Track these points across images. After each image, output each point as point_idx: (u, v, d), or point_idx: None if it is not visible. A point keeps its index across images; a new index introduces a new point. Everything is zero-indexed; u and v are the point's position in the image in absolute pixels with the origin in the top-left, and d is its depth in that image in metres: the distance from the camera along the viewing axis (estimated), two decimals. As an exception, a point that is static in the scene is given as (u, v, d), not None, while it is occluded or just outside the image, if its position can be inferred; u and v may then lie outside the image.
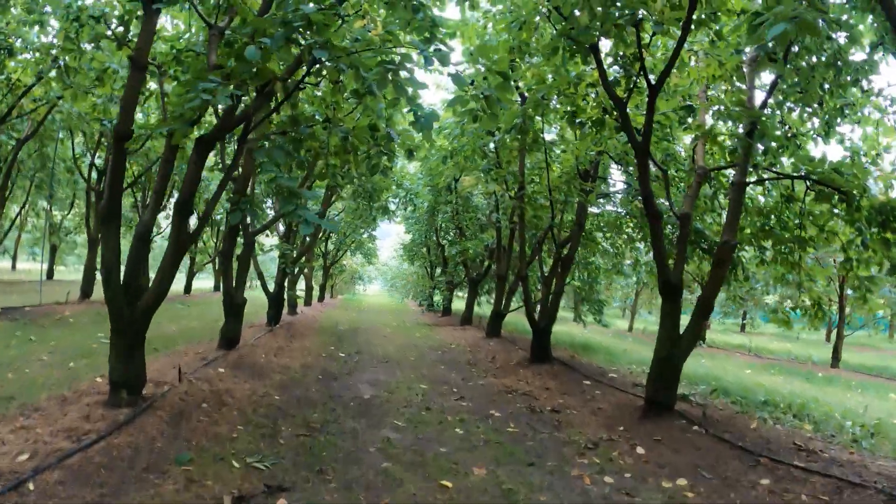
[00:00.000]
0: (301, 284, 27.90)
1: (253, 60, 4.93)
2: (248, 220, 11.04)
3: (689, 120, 9.61)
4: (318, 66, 5.57)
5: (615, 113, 9.18)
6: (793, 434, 7.68)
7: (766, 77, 9.37)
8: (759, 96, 8.63)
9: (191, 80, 5.02)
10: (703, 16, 7.73)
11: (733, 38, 9.19)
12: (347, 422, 6.95)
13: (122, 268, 6.81)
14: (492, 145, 13.62)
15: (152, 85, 10.48)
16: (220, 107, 7.30)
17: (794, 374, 17.06)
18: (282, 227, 16.48)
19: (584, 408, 8.44)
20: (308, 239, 16.00)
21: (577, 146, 10.65)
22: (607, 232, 14.99)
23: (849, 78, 9.24)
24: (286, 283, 19.90)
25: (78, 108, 12.90)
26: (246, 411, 7.09)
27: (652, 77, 7.79)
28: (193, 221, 15.50)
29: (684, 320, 8.33)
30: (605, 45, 8.93)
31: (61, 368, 9.06)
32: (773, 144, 8.51)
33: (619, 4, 6.56)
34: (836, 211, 8.52)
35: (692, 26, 7.40)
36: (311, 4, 5.14)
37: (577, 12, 6.99)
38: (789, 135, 9.68)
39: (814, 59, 8.54)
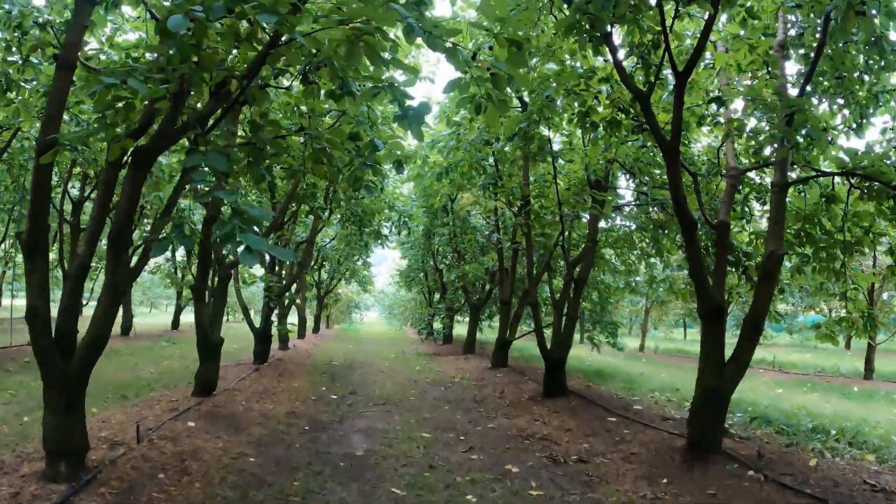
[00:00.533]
0: (294, 317, 26.66)
1: (185, 41, 3.80)
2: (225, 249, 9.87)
3: (712, 114, 8.51)
4: (277, 48, 4.43)
5: (632, 111, 8.09)
6: (857, 468, 6.67)
7: (790, 67, 8.36)
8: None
9: (94, 77, 3.86)
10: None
11: (759, 23, 8.14)
12: (335, 490, 5.68)
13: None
14: (491, 159, 12.52)
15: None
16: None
17: (829, 391, 15.86)
18: (267, 257, 15.28)
19: (614, 453, 7.20)
20: (295, 268, 14.77)
21: (587, 153, 9.53)
22: (618, 248, 13.81)
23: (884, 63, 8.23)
24: (276, 317, 18.68)
25: (28, 126, 11.80)
26: (212, 480, 5.84)
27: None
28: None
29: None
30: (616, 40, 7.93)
31: (13, 424, 7.91)
32: (808, 138, 7.39)
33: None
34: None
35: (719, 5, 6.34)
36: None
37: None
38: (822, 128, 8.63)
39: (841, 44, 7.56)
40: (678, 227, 11.00)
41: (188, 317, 36.14)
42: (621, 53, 7.53)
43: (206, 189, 7.54)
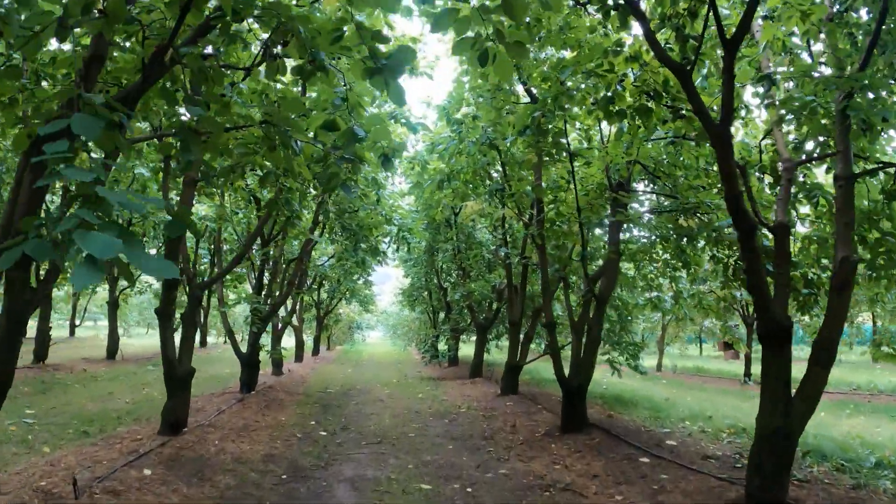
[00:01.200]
0: (292, 339, 25.38)
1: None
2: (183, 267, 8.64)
3: (761, 95, 7.28)
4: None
5: (664, 96, 6.87)
6: (945, 515, 5.27)
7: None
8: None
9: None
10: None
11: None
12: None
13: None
14: (498, 165, 11.28)
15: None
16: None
17: (874, 412, 14.43)
18: (253, 275, 14.02)
19: (655, 509, 5.89)
20: (284, 288, 13.50)
21: (608, 149, 8.31)
22: (636, 261, 12.45)
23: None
24: (270, 340, 17.41)
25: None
26: (150, 558, 4.57)
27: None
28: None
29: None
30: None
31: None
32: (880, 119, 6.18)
33: None
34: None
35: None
36: None
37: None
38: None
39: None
40: (708, 236, 9.83)
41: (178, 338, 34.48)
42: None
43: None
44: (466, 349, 27.49)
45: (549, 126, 7.15)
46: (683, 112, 6.84)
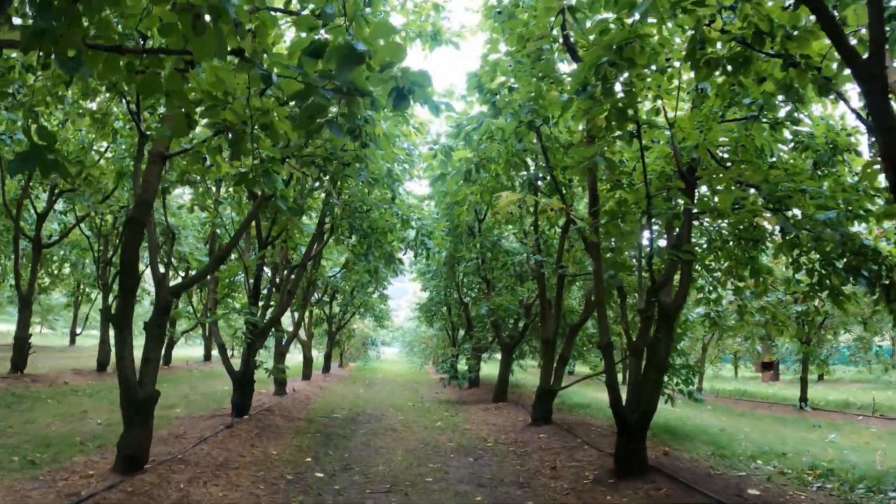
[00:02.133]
0: (300, 355, 23.72)
1: None
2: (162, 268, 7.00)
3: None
4: None
5: (769, 40, 5.15)
6: None
7: None
8: None
9: None
10: None
11: None
12: None
13: None
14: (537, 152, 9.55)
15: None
16: None
17: None
18: (248, 283, 12.34)
19: None
20: (285, 298, 11.80)
21: (681, 125, 6.56)
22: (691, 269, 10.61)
23: None
24: (274, 355, 15.82)
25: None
26: None
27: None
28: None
29: None
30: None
31: None
32: None
33: None
34: None
35: None
36: None
37: None
38: None
39: None
40: (784, 237, 8.08)
41: (182, 351, 32.96)
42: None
43: None
44: (487, 368, 25.61)
45: (620, 81, 5.43)
46: (797, 59, 5.10)
